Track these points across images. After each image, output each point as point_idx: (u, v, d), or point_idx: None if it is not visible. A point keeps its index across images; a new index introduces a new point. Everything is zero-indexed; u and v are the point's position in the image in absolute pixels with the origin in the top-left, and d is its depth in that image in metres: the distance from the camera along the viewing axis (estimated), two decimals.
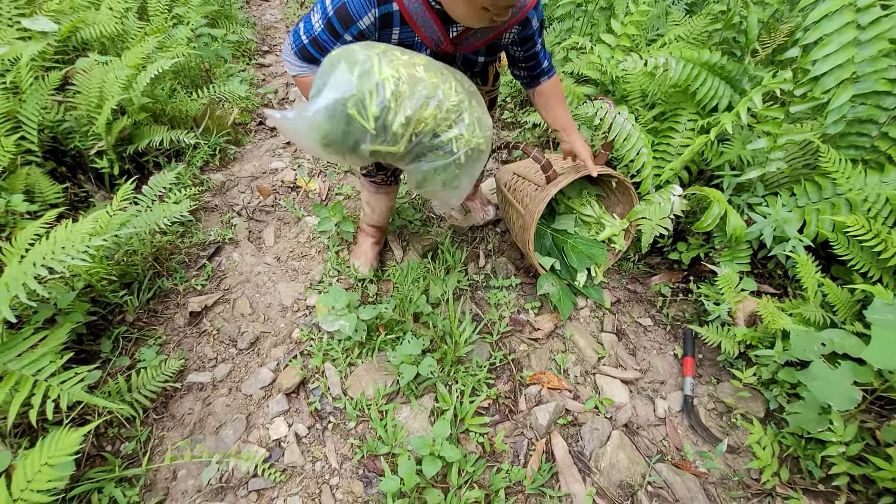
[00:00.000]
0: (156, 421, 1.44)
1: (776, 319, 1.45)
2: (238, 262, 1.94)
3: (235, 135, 2.57)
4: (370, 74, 1.04)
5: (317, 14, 1.16)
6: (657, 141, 1.95)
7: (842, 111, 1.52)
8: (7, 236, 1.59)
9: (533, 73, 1.43)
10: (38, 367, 1.15)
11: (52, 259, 1.17)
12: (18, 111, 1.81)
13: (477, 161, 1.19)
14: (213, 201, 2.20)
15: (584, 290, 1.81)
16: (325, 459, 1.38)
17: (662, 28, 2.66)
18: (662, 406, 1.54)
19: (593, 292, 1.81)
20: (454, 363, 1.57)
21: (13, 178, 1.72)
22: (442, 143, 1.12)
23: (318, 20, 1.16)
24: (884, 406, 1.39)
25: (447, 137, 1.12)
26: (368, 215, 1.84)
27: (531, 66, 1.41)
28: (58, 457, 1.02)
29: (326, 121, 1.04)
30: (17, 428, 1.25)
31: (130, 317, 1.66)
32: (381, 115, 1.05)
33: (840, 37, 1.46)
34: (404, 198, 2.25)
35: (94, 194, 2.00)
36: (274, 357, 1.62)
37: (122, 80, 1.99)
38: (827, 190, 1.62)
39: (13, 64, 1.90)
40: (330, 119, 1.04)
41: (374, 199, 1.76)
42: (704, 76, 1.80)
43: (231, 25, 3.37)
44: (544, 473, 1.35)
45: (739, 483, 1.36)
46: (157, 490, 1.29)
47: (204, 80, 2.76)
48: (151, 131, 2.14)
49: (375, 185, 1.70)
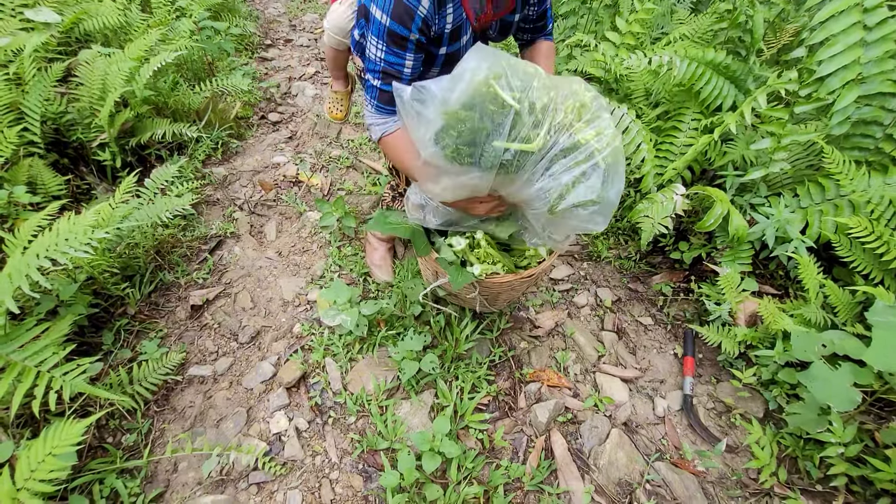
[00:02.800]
0: (157, 413, 1.45)
1: (777, 320, 1.46)
2: (239, 257, 1.94)
3: (238, 129, 2.56)
4: (497, 56, 0.91)
5: (371, 41, 1.07)
6: (660, 140, 1.95)
7: (846, 112, 1.52)
8: (10, 227, 1.59)
9: (537, 33, 1.39)
10: (40, 358, 1.15)
11: (54, 251, 1.17)
12: (21, 102, 1.80)
13: (619, 166, 1.00)
14: (214, 195, 2.20)
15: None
16: (325, 454, 1.39)
17: (667, 27, 2.65)
18: (662, 405, 1.55)
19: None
20: (454, 359, 1.57)
21: (16, 170, 1.72)
22: (578, 144, 0.95)
23: (376, 43, 1.06)
24: (883, 408, 1.39)
25: (584, 137, 0.95)
26: (385, 234, 1.84)
27: (539, 25, 1.35)
28: (61, 447, 1.02)
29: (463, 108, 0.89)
30: (19, 419, 1.26)
31: (132, 309, 1.67)
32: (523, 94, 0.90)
33: (846, 37, 1.45)
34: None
35: (96, 187, 1.99)
36: (275, 351, 1.62)
37: (125, 73, 1.98)
38: (830, 191, 1.62)
39: (16, 55, 1.90)
40: (460, 99, 0.89)
41: None
42: (709, 75, 1.79)
43: (234, 19, 3.36)
44: (543, 470, 1.36)
45: (737, 482, 1.37)
46: (157, 482, 1.30)
47: (206, 73, 2.75)
48: (154, 124, 2.14)
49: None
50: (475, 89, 0.91)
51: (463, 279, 1.26)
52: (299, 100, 2.93)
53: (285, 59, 3.36)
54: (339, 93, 2.01)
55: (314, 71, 3.23)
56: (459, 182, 1.02)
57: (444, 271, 1.33)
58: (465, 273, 1.29)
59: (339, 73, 1.91)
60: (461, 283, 1.25)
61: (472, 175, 0.99)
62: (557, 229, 1.12)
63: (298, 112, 2.82)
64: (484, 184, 1.03)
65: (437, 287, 1.43)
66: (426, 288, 1.43)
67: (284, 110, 2.82)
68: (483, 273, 1.32)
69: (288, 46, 3.54)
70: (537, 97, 0.93)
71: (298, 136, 2.63)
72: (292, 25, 3.87)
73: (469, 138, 0.94)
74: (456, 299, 1.53)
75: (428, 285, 1.44)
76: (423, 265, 1.50)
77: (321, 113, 2.79)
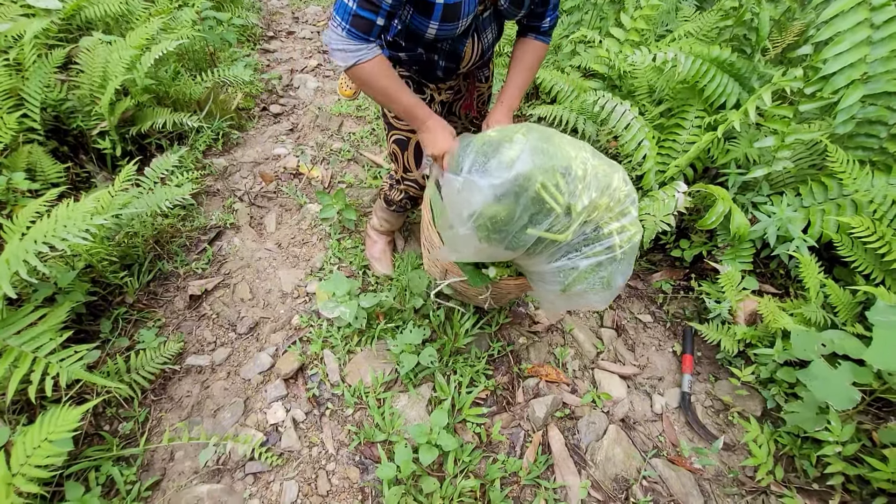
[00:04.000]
0: (154, 402, 1.44)
1: (777, 319, 1.45)
2: (239, 248, 1.93)
3: (238, 120, 2.55)
4: (547, 154, 0.94)
5: None
6: (663, 137, 1.94)
7: (851, 111, 1.51)
8: (8, 214, 1.58)
9: (532, 22, 1.28)
10: (37, 344, 1.15)
11: (53, 237, 1.17)
12: (21, 88, 1.79)
13: (632, 257, 1.07)
14: (214, 186, 2.19)
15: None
16: (322, 445, 1.39)
17: (672, 24, 2.63)
18: (660, 402, 1.55)
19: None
20: (453, 353, 1.57)
21: (15, 156, 1.71)
22: (602, 237, 1.02)
23: None
24: (881, 408, 1.39)
25: (609, 230, 1.02)
26: (385, 226, 1.84)
27: (540, 13, 1.25)
28: (57, 433, 1.02)
29: (504, 196, 0.93)
30: (15, 405, 1.25)
31: (130, 298, 1.66)
32: (569, 198, 0.95)
33: (853, 35, 1.44)
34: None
35: (95, 175, 1.99)
36: (273, 342, 1.62)
37: (126, 61, 1.97)
38: (833, 190, 1.61)
39: (16, 41, 1.89)
40: (507, 196, 0.93)
41: (393, 218, 1.80)
42: (713, 73, 1.78)
43: (236, 9, 3.33)
44: (540, 465, 1.36)
45: (734, 480, 1.37)
46: (154, 470, 1.30)
47: (208, 63, 2.74)
48: (154, 113, 2.13)
49: (400, 214, 1.75)
50: (522, 189, 0.95)
51: (480, 281, 1.28)
52: (301, 92, 2.91)
53: (287, 51, 3.34)
54: None
55: (316, 63, 3.22)
56: (482, 250, 1.06)
57: (455, 271, 1.34)
58: (482, 275, 1.30)
59: None
60: (478, 284, 1.28)
61: (496, 250, 1.03)
62: (561, 302, 1.16)
63: (300, 104, 2.81)
64: (506, 257, 1.08)
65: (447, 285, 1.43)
66: (437, 285, 1.43)
67: (286, 102, 2.81)
68: (498, 276, 1.32)
69: (290, 38, 3.53)
70: (579, 200, 0.98)
71: (299, 128, 2.62)
72: (295, 17, 3.85)
73: (505, 227, 0.99)
74: (461, 296, 1.53)
75: (435, 281, 1.43)
76: (430, 263, 1.49)
77: (323, 105, 2.78)
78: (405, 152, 1.46)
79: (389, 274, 1.81)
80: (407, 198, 1.63)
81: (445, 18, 1.07)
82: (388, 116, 1.42)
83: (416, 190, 1.58)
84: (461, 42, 1.21)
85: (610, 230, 1.02)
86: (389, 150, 1.51)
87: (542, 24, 1.28)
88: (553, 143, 1.00)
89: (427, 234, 1.36)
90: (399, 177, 1.56)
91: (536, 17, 1.26)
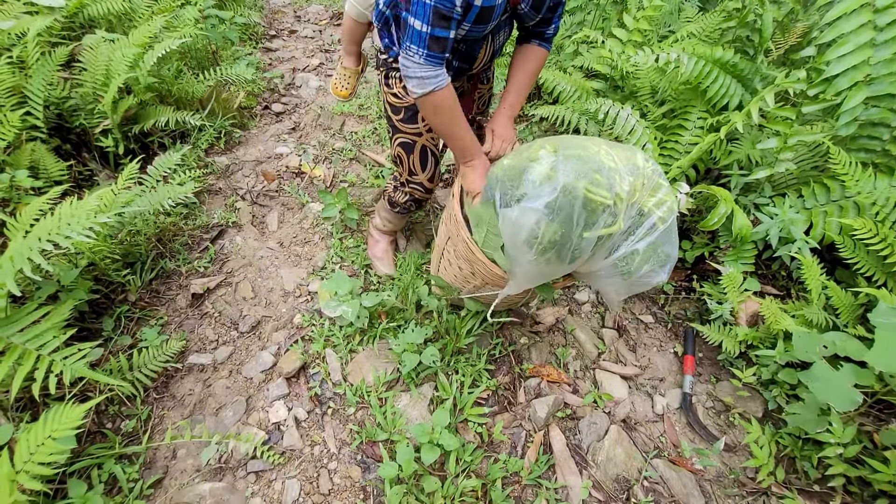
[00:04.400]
0: (156, 400, 1.45)
1: (778, 320, 1.45)
2: (241, 246, 1.93)
3: (241, 118, 2.55)
4: (580, 158, 0.99)
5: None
6: (665, 138, 1.94)
7: (854, 113, 1.51)
8: (11, 211, 1.59)
9: (538, 28, 1.28)
10: (41, 341, 1.15)
11: (56, 234, 1.17)
12: (24, 86, 1.79)
13: (674, 224, 1.14)
14: (217, 184, 2.19)
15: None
16: (324, 444, 1.39)
17: (675, 25, 2.63)
18: (661, 403, 1.55)
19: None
20: (455, 353, 1.57)
21: (18, 154, 1.71)
22: (646, 214, 1.08)
23: None
24: (882, 410, 1.39)
25: (649, 207, 1.07)
26: (388, 226, 1.83)
27: (548, 18, 1.26)
28: (60, 431, 1.02)
29: (560, 210, 0.98)
30: (19, 402, 1.26)
31: (133, 296, 1.66)
32: (611, 191, 1.00)
33: (857, 37, 1.44)
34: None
35: (98, 173, 1.99)
36: (275, 341, 1.62)
37: (129, 59, 1.97)
38: (835, 192, 1.61)
39: (20, 38, 1.89)
40: (561, 209, 0.98)
41: (396, 219, 1.78)
42: (716, 74, 1.78)
43: (239, 8, 3.34)
44: (541, 465, 1.36)
45: (735, 481, 1.37)
46: (156, 468, 1.30)
47: (210, 62, 2.74)
48: (157, 111, 2.13)
49: (403, 215, 1.74)
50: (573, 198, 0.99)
51: (548, 291, 1.33)
52: (303, 91, 2.91)
53: (289, 49, 3.34)
54: (349, 70, 1.82)
55: (318, 62, 3.22)
56: (546, 274, 1.10)
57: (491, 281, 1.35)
58: (547, 286, 1.32)
59: (353, 49, 1.74)
60: (548, 294, 1.33)
61: (560, 267, 1.07)
62: (625, 289, 1.20)
63: (302, 103, 2.81)
64: (569, 270, 1.12)
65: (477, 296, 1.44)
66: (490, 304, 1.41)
67: (288, 101, 2.81)
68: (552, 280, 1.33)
69: (292, 37, 3.53)
70: (620, 188, 1.02)
71: (301, 127, 2.62)
72: (297, 16, 3.85)
73: (566, 241, 1.02)
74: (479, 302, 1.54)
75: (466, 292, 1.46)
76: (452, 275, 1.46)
77: (325, 104, 2.78)
78: (410, 156, 1.46)
79: (391, 274, 1.81)
80: (412, 200, 1.61)
81: (479, 20, 1.08)
82: (394, 119, 1.41)
83: (421, 193, 1.57)
84: (479, 44, 1.21)
85: (650, 207, 1.07)
86: (394, 152, 1.50)
87: (547, 31, 1.30)
88: (577, 146, 1.04)
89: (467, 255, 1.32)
90: (404, 179, 1.56)
91: (544, 22, 1.27)
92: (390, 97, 1.38)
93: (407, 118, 1.38)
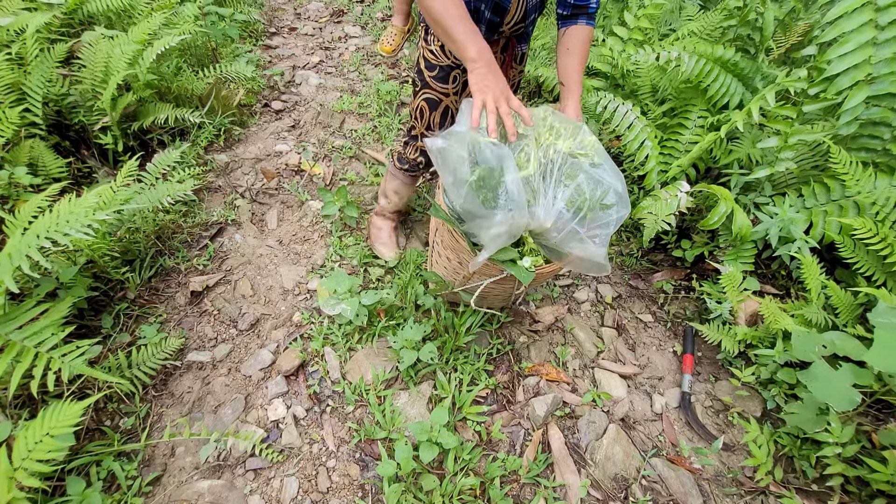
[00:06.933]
0: (155, 398, 1.45)
1: (778, 320, 1.45)
2: (240, 244, 1.93)
3: (240, 116, 2.55)
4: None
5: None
6: (666, 137, 1.94)
7: (855, 112, 1.50)
8: (10, 208, 1.58)
9: (579, 7, 1.30)
10: (39, 338, 1.15)
11: (55, 231, 1.17)
12: (23, 83, 1.79)
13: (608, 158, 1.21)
14: (216, 182, 2.19)
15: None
16: (323, 442, 1.39)
17: (676, 23, 2.63)
18: (660, 402, 1.55)
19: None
20: (454, 351, 1.57)
21: (17, 151, 1.70)
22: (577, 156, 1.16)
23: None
24: (881, 409, 1.39)
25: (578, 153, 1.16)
26: (393, 203, 1.84)
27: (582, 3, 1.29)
28: (59, 428, 1.02)
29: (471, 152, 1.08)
30: (17, 399, 1.26)
31: (131, 294, 1.66)
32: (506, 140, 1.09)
33: (858, 36, 1.44)
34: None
35: (97, 170, 1.98)
36: (274, 339, 1.62)
37: (128, 56, 1.96)
38: (835, 192, 1.61)
39: (18, 35, 1.88)
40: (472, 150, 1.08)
41: (403, 187, 1.79)
42: (717, 72, 1.78)
43: (239, 5, 3.32)
44: (540, 464, 1.36)
45: (733, 480, 1.37)
46: (155, 465, 1.30)
47: (210, 59, 2.73)
48: (156, 109, 2.12)
49: (412, 176, 1.73)
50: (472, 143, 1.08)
51: (525, 274, 1.28)
52: (303, 89, 2.91)
53: (289, 47, 3.33)
54: (396, 28, 1.89)
55: (318, 60, 3.21)
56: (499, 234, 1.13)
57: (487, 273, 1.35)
58: (527, 271, 1.29)
59: (402, 7, 1.78)
60: (525, 278, 1.27)
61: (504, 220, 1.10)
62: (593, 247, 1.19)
63: (302, 101, 2.81)
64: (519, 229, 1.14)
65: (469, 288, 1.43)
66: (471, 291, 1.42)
67: (288, 99, 2.80)
68: (532, 265, 1.32)
69: (292, 35, 3.52)
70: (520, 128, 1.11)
71: (301, 124, 2.62)
72: (297, 14, 3.84)
73: (489, 182, 1.09)
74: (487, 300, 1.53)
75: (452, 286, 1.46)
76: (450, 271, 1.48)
77: (324, 102, 2.77)
78: (434, 112, 1.48)
79: (396, 257, 1.83)
80: (422, 155, 1.62)
81: None
82: (426, 74, 1.42)
83: None
84: None
85: (577, 153, 1.15)
86: (417, 105, 1.50)
87: (591, 4, 1.30)
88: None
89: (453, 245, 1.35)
90: (419, 133, 1.56)
91: (580, 6, 1.29)
92: (427, 53, 1.40)
93: (440, 77, 1.40)
